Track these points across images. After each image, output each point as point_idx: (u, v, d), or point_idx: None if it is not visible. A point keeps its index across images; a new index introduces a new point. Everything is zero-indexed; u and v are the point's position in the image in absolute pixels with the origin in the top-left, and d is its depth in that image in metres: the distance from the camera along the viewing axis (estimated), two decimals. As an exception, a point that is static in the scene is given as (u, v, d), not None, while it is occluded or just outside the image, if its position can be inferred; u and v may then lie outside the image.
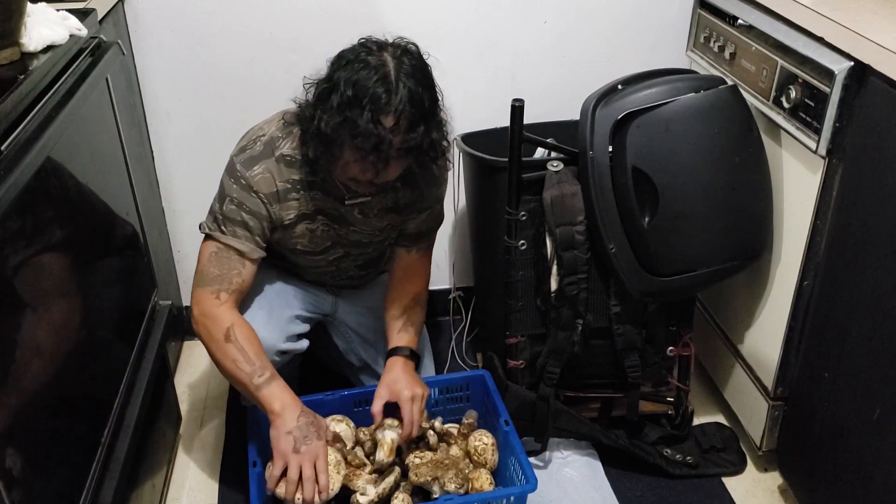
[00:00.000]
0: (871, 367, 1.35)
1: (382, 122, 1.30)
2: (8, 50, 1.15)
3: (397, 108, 1.30)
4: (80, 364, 1.24)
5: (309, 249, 1.61)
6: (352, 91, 1.30)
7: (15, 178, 0.98)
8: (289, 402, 1.45)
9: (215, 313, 1.48)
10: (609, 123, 1.54)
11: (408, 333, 1.63)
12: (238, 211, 1.48)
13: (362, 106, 1.29)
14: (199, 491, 1.76)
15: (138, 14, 1.82)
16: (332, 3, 1.86)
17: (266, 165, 1.48)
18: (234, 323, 1.47)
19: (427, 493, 1.55)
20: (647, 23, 1.99)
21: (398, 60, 1.33)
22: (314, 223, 1.56)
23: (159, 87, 1.91)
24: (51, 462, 1.11)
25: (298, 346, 1.67)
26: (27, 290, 1.07)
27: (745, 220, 1.59)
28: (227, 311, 1.48)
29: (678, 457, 1.77)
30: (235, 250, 1.49)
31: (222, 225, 1.49)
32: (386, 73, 1.31)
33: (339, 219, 1.57)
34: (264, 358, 1.47)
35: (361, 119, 1.29)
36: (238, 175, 1.47)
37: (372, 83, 1.30)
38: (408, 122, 1.32)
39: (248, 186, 1.47)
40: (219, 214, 1.49)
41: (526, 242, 1.67)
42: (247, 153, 1.48)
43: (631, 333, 1.69)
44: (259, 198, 1.48)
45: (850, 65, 1.34)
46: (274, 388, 1.45)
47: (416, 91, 1.32)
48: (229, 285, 1.49)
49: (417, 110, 1.32)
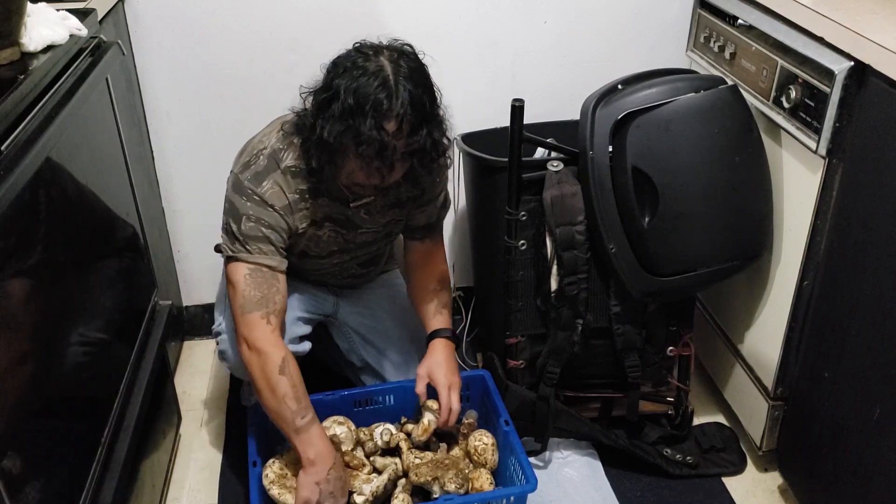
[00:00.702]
0: (872, 367, 1.35)
1: (385, 128, 1.30)
2: (8, 50, 1.15)
3: (399, 112, 1.30)
4: (80, 364, 1.24)
5: (314, 254, 1.62)
6: (353, 99, 1.30)
7: (15, 178, 0.98)
8: (324, 452, 1.45)
9: (271, 341, 1.45)
10: (609, 123, 1.54)
11: (442, 315, 1.66)
12: (257, 227, 1.46)
13: (364, 113, 1.29)
14: (199, 491, 1.76)
15: (138, 14, 1.82)
16: (331, 3, 1.86)
17: (274, 179, 1.47)
18: (288, 356, 1.46)
19: (427, 493, 1.55)
20: (647, 23, 1.99)
21: (395, 64, 1.33)
22: (321, 229, 1.57)
23: (159, 87, 1.91)
24: (51, 462, 1.10)
25: (302, 349, 1.67)
26: (27, 289, 1.07)
27: (745, 220, 1.59)
28: (279, 339, 1.47)
29: (678, 457, 1.77)
30: (267, 267, 1.47)
31: (246, 244, 1.47)
32: (385, 78, 1.31)
33: (345, 223, 1.58)
34: (307, 398, 1.47)
35: (365, 126, 1.29)
36: (250, 192, 1.46)
37: (372, 89, 1.30)
38: (410, 126, 1.32)
39: (263, 202, 1.46)
40: (238, 235, 1.47)
41: (526, 242, 1.67)
42: (252, 169, 1.47)
43: (631, 333, 1.69)
44: (276, 211, 1.47)
45: (850, 65, 1.34)
46: (313, 433, 1.45)
47: (416, 93, 1.32)
48: (274, 306, 1.47)
49: (419, 113, 1.33)
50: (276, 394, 1.43)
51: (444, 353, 1.61)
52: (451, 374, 1.59)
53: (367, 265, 1.77)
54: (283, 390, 1.43)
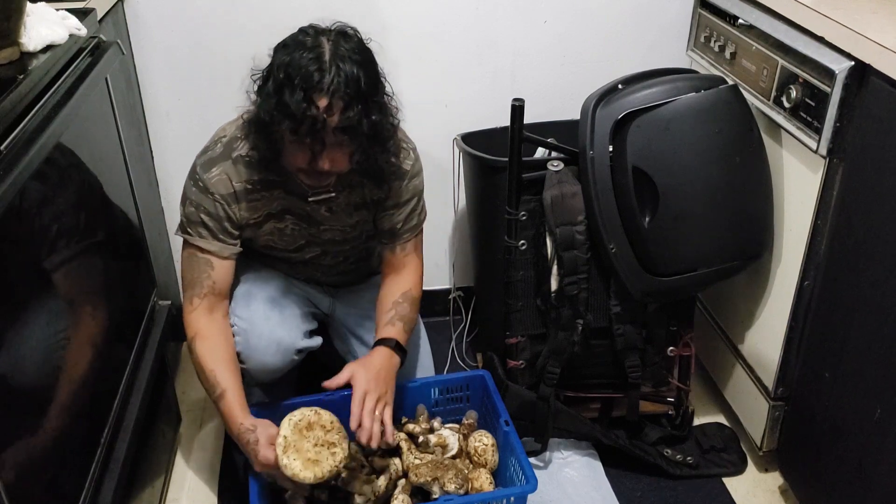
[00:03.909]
0: (872, 367, 1.35)
1: (315, 102, 1.28)
2: (7, 50, 1.15)
3: (329, 87, 1.28)
4: (79, 364, 1.24)
5: (282, 247, 1.62)
6: (284, 72, 1.29)
7: (14, 178, 0.98)
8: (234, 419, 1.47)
9: (187, 321, 1.53)
10: (609, 123, 1.54)
11: (394, 327, 1.58)
12: (196, 213, 1.49)
13: (294, 86, 1.28)
14: (199, 491, 1.76)
15: (138, 14, 1.82)
16: (331, 3, 1.86)
17: (223, 168, 1.48)
18: (198, 333, 1.52)
19: (427, 493, 1.55)
20: (647, 23, 1.99)
21: (334, 43, 1.32)
22: (282, 222, 1.56)
23: (159, 87, 1.91)
24: (51, 462, 1.10)
25: (314, 343, 1.68)
26: (26, 289, 1.07)
27: (745, 220, 1.59)
28: (196, 318, 1.53)
29: (678, 457, 1.77)
30: (203, 250, 1.51)
31: (188, 227, 1.51)
32: (320, 54, 1.30)
33: (306, 217, 1.57)
34: (220, 372, 1.49)
35: (293, 99, 1.27)
36: (196, 178, 1.49)
37: (305, 62, 1.29)
38: (343, 103, 1.29)
39: (205, 189, 1.48)
40: (183, 217, 1.52)
41: (526, 242, 1.67)
42: (207, 155, 1.50)
43: (631, 333, 1.69)
44: (215, 199, 1.48)
45: (850, 64, 1.34)
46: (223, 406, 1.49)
47: (350, 72, 1.30)
48: (201, 289, 1.52)
49: (352, 90, 1.29)
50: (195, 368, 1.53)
51: (379, 359, 1.51)
52: (375, 380, 1.46)
53: (355, 262, 1.75)
54: (195, 367, 1.53)
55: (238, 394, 1.49)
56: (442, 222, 2.13)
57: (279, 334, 1.58)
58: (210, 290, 1.53)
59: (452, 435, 1.64)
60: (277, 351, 1.58)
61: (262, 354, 1.57)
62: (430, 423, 1.69)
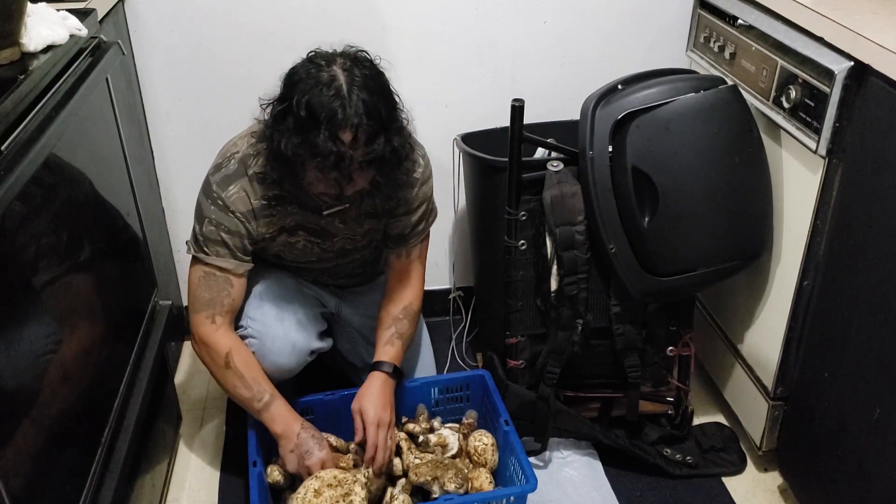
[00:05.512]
0: (872, 367, 1.35)
1: (341, 138, 1.29)
2: (8, 50, 1.15)
3: (354, 122, 1.29)
4: (79, 364, 1.24)
5: (290, 259, 1.64)
6: (306, 111, 1.29)
7: (15, 179, 0.98)
8: (288, 421, 1.52)
9: (213, 339, 1.53)
10: (609, 123, 1.54)
11: (393, 347, 1.63)
12: (217, 231, 1.49)
13: (319, 125, 1.28)
14: (199, 491, 1.76)
15: (138, 14, 1.82)
16: (331, 2, 1.86)
17: (241, 185, 1.48)
18: (232, 348, 1.52)
19: (427, 493, 1.55)
20: (647, 23, 1.99)
21: (349, 72, 1.32)
22: (294, 237, 1.57)
23: (159, 87, 1.91)
24: (51, 462, 1.10)
25: (327, 344, 1.70)
26: (26, 289, 1.07)
27: (745, 220, 1.59)
28: (223, 335, 1.53)
29: (678, 457, 1.77)
30: (221, 269, 1.51)
31: (204, 246, 1.50)
32: (338, 88, 1.30)
33: (319, 232, 1.58)
34: (262, 380, 1.53)
35: (319, 138, 1.28)
36: (215, 196, 1.48)
37: (326, 100, 1.28)
38: (366, 136, 1.30)
39: (225, 207, 1.48)
40: (199, 236, 1.51)
41: (526, 242, 1.67)
42: (222, 172, 1.49)
43: (631, 333, 1.69)
44: (237, 217, 1.48)
45: (850, 65, 1.34)
46: (273, 410, 1.52)
47: (370, 101, 1.30)
48: (221, 308, 1.53)
49: (375, 121, 1.31)
50: (226, 385, 1.54)
51: (378, 387, 1.57)
52: (382, 410, 1.54)
53: (362, 266, 1.76)
54: (233, 382, 1.52)
55: (283, 398, 1.54)
56: (442, 222, 2.12)
57: (294, 336, 1.59)
58: (230, 307, 1.54)
59: (452, 434, 1.64)
60: (293, 352, 1.60)
61: (278, 356, 1.59)
62: (430, 423, 1.69)
